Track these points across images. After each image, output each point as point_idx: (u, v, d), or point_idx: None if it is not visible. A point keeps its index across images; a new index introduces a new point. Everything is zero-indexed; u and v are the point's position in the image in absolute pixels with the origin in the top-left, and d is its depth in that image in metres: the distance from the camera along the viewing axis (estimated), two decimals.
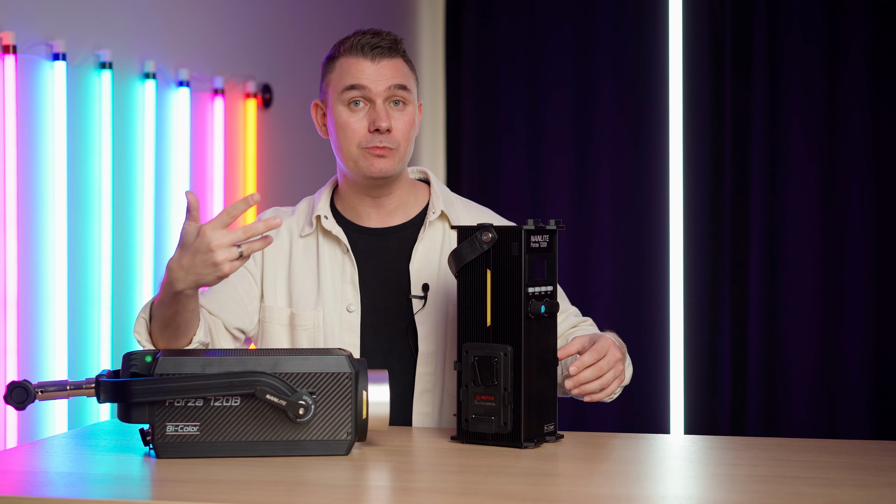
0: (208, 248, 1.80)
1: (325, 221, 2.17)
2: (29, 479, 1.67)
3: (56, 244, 2.66)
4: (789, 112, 4.55)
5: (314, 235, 2.19)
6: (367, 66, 2.10)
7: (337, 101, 2.12)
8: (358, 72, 2.10)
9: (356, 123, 2.10)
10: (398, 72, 2.11)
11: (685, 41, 4.68)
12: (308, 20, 4.06)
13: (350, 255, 2.16)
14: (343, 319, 2.14)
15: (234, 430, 1.76)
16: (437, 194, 2.20)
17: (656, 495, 1.63)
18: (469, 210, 2.24)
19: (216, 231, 1.80)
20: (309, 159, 4.00)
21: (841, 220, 4.50)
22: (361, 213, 2.19)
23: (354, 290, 2.15)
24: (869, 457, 1.83)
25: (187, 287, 1.86)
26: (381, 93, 2.09)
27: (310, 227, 2.18)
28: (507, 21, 4.89)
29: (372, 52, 2.10)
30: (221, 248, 1.80)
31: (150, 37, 3.09)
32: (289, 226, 2.21)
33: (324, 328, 2.13)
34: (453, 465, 1.78)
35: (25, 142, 2.59)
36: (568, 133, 4.81)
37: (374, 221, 2.19)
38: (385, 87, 2.09)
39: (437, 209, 2.18)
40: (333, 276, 2.16)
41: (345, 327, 2.13)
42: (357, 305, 2.14)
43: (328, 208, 2.20)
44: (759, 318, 4.55)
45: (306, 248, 2.19)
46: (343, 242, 2.16)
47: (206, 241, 1.80)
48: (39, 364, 2.63)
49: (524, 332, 1.84)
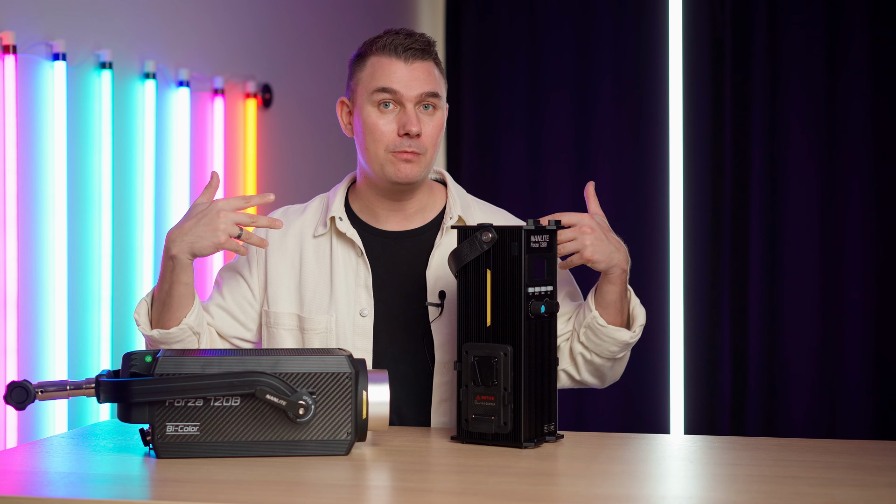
0: (216, 213, 1.94)
1: (339, 223, 2.13)
2: (29, 479, 1.67)
3: (56, 244, 2.66)
4: (789, 111, 4.55)
5: (327, 236, 2.15)
6: (399, 68, 2.06)
7: (366, 101, 2.08)
8: (390, 73, 2.06)
9: (385, 126, 2.06)
10: (430, 76, 2.08)
11: (685, 41, 4.68)
12: (308, 20, 4.06)
13: (364, 258, 2.12)
14: (356, 324, 2.11)
15: (234, 430, 1.76)
16: (454, 197, 2.17)
17: (656, 495, 1.63)
18: (486, 212, 2.21)
19: (228, 202, 1.97)
20: (309, 159, 4.00)
21: (841, 220, 4.50)
22: (379, 215, 2.15)
23: (368, 295, 2.11)
24: (869, 457, 1.83)
25: (181, 252, 1.97)
26: (412, 97, 2.06)
27: (324, 228, 2.15)
28: (507, 21, 4.89)
29: (405, 52, 2.06)
30: (227, 216, 1.94)
31: (150, 37, 3.09)
32: (299, 226, 2.17)
33: (336, 332, 2.10)
34: (453, 465, 1.78)
35: (25, 142, 2.59)
36: (568, 133, 4.81)
37: (390, 224, 2.16)
38: (417, 92, 2.06)
39: (454, 214, 2.15)
40: (347, 280, 2.12)
41: (357, 332, 2.10)
42: (370, 310, 2.11)
43: (343, 209, 2.16)
44: (759, 318, 4.55)
45: (318, 249, 2.15)
46: (357, 245, 2.12)
47: (216, 206, 1.96)
48: (39, 364, 2.63)
49: (524, 332, 1.84)
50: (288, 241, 2.16)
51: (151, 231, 3.02)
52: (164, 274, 2.01)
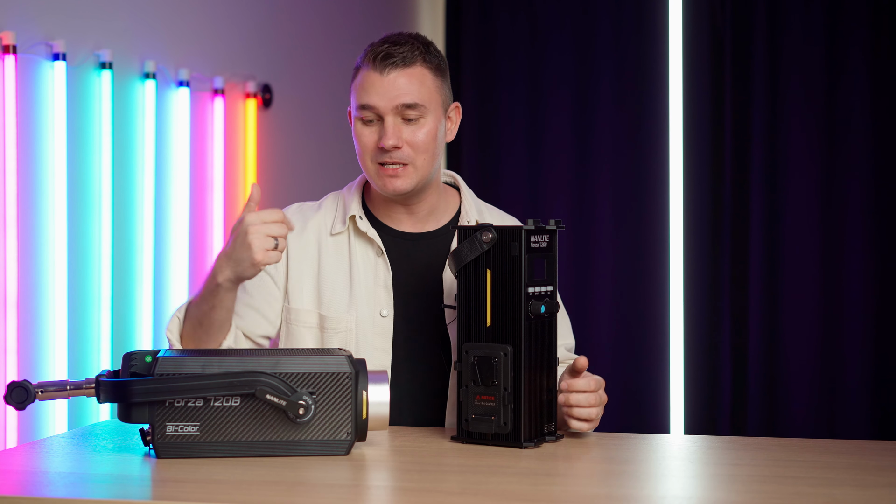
0: (246, 230, 1.85)
1: (359, 222, 2.12)
2: (29, 479, 1.67)
3: (56, 244, 2.66)
4: (789, 111, 4.55)
5: (345, 234, 2.14)
6: (376, 81, 2.04)
7: (354, 115, 2.09)
8: (369, 87, 2.05)
9: (367, 139, 2.07)
10: (411, 85, 2.04)
11: (685, 41, 4.68)
12: (308, 20, 4.06)
13: (385, 257, 2.12)
14: (376, 324, 2.10)
15: (234, 430, 1.76)
16: (468, 202, 2.18)
17: (656, 495, 1.63)
18: (496, 217, 2.22)
19: (258, 215, 1.86)
20: (309, 159, 4.00)
21: (841, 220, 4.50)
22: (394, 217, 2.15)
23: (388, 295, 2.11)
24: (869, 457, 1.83)
25: (227, 279, 1.90)
26: (389, 110, 2.04)
27: (342, 226, 2.14)
28: (507, 20, 4.89)
29: (383, 63, 2.04)
30: (256, 230, 1.84)
31: (150, 37, 3.09)
32: (317, 223, 2.16)
33: (356, 332, 2.09)
34: (453, 465, 1.78)
35: (25, 142, 2.59)
36: (568, 132, 4.81)
37: (406, 226, 2.15)
38: (393, 105, 2.04)
39: (471, 218, 2.15)
40: (367, 279, 2.11)
41: (378, 332, 2.10)
42: (390, 310, 2.11)
43: (361, 208, 2.15)
44: (759, 317, 4.55)
45: (337, 248, 2.14)
46: (377, 244, 2.12)
47: (245, 222, 1.85)
48: (39, 364, 2.63)
49: (524, 332, 1.84)
50: (307, 237, 2.14)
51: (151, 231, 3.02)
52: (206, 295, 1.95)
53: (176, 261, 3.14)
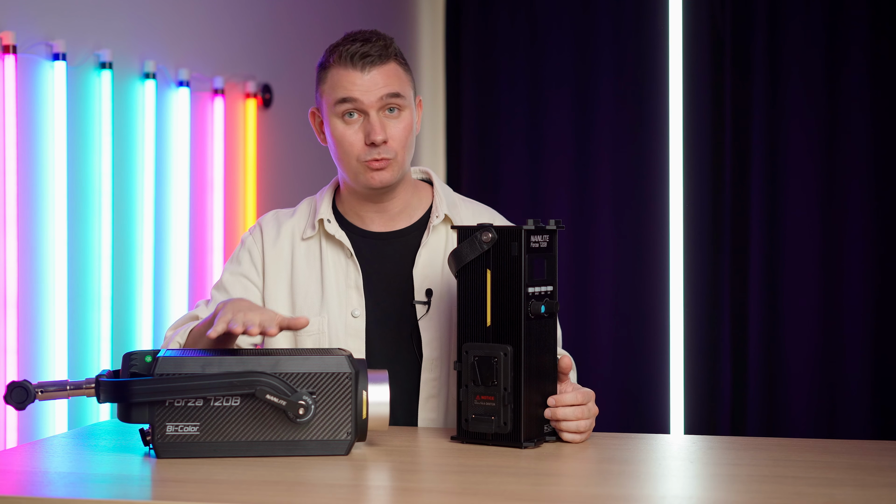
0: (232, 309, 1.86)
1: (328, 225, 2.15)
2: (29, 479, 1.67)
3: (56, 244, 2.66)
4: (789, 111, 4.55)
5: (316, 239, 2.17)
6: (357, 78, 2.06)
7: (331, 113, 2.10)
8: (349, 83, 2.06)
9: (352, 136, 2.08)
10: (390, 78, 2.08)
11: (685, 41, 4.68)
12: (308, 20, 4.06)
13: (354, 259, 2.14)
14: (348, 325, 2.12)
15: (234, 430, 1.76)
16: (440, 196, 2.19)
17: (656, 495, 1.63)
18: (472, 210, 2.22)
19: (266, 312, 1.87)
20: (309, 159, 4.00)
21: (841, 220, 4.50)
22: (364, 217, 2.17)
23: (359, 296, 2.13)
24: (869, 457, 1.83)
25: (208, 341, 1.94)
26: (373, 104, 2.06)
27: (312, 230, 2.17)
28: (507, 20, 4.89)
29: (362, 61, 2.06)
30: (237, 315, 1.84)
31: (150, 37, 3.09)
32: (290, 229, 2.19)
33: (329, 334, 2.12)
34: (453, 465, 1.78)
35: (25, 142, 2.59)
36: (568, 132, 4.80)
37: (377, 226, 2.17)
38: (377, 97, 2.06)
39: (440, 213, 2.16)
40: (337, 281, 2.14)
41: (350, 333, 2.12)
42: (362, 311, 2.13)
43: (331, 211, 2.18)
44: (759, 317, 4.55)
45: (308, 252, 2.17)
46: (347, 247, 2.14)
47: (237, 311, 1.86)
48: (39, 364, 2.63)
49: (524, 332, 1.84)
50: (281, 244, 2.18)
51: (151, 231, 3.02)
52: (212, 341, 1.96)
53: (176, 261, 3.14)
